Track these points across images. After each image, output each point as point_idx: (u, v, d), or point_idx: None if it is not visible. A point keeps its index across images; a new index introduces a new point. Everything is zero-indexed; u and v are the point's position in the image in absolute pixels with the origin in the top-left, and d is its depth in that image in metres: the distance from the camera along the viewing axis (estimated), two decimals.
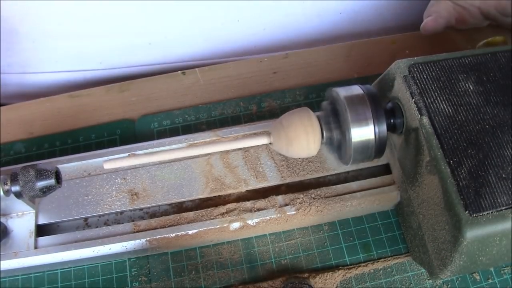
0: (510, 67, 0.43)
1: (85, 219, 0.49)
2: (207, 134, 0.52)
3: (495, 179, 0.38)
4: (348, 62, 0.62)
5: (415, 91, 0.42)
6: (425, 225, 0.43)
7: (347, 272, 0.48)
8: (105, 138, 0.56)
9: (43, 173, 0.43)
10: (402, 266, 0.48)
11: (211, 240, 0.49)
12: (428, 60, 0.44)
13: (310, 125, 0.41)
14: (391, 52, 0.62)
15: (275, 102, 0.58)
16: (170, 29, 0.64)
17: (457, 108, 0.41)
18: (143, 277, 0.48)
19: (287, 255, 0.49)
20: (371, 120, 0.41)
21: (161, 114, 0.57)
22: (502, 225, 0.38)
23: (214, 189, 0.49)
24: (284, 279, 0.47)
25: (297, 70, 0.61)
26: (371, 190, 0.49)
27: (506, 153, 0.39)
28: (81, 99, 0.59)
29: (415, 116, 0.41)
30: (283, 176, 0.50)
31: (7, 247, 0.46)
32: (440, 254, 0.41)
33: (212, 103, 0.58)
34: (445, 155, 0.39)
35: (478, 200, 0.38)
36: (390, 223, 0.51)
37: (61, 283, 0.47)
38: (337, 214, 0.49)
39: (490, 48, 0.47)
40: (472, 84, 0.42)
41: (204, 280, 0.48)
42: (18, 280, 0.48)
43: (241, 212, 0.48)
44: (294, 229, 0.50)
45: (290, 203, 0.48)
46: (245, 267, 0.48)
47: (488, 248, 0.39)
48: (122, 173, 0.50)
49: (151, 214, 0.50)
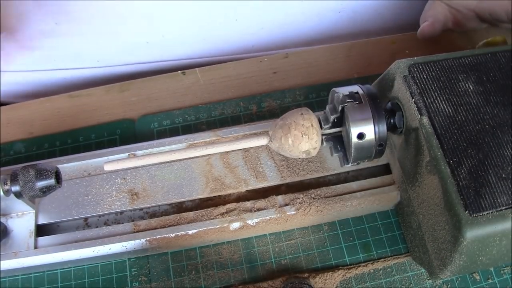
0: (510, 67, 0.43)
1: (85, 219, 0.49)
2: (207, 134, 0.52)
3: (495, 179, 0.38)
4: (348, 62, 0.62)
5: (415, 91, 0.42)
6: (425, 225, 0.43)
7: (347, 272, 0.48)
8: (105, 138, 0.56)
9: (43, 173, 0.43)
10: (402, 266, 0.48)
11: (211, 240, 0.49)
12: (428, 60, 0.44)
13: (310, 125, 0.41)
14: (391, 52, 0.62)
15: (275, 102, 0.58)
16: (168, 28, 0.64)
17: (457, 108, 0.41)
18: (143, 277, 0.48)
19: (287, 255, 0.49)
20: (371, 120, 0.41)
21: (161, 114, 0.57)
22: (502, 225, 0.38)
23: (214, 189, 0.49)
24: (284, 279, 0.47)
25: (297, 70, 0.61)
26: (371, 190, 0.49)
27: (506, 153, 0.39)
28: (81, 99, 0.59)
29: (415, 116, 0.41)
30: (283, 176, 0.50)
31: (7, 247, 0.46)
32: (440, 254, 0.41)
33: (212, 103, 0.58)
34: (445, 155, 0.39)
35: (478, 200, 0.38)
36: (390, 223, 0.51)
37: (61, 283, 0.47)
38: (337, 214, 0.49)
39: (490, 48, 0.47)
40: (472, 84, 0.42)
41: (204, 280, 0.48)
42: (18, 280, 0.48)
43: (241, 212, 0.48)
44: (294, 229, 0.50)
45: (290, 203, 0.48)
46: (245, 267, 0.48)
47: (488, 248, 0.39)
48: (122, 173, 0.50)
49: (151, 214, 0.50)
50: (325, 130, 0.43)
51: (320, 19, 0.68)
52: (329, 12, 0.67)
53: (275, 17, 0.66)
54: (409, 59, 0.44)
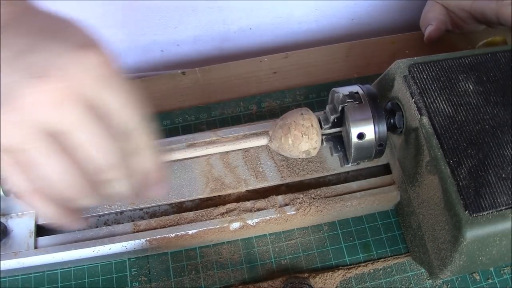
0: (510, 67, 0.43)
1: (85, 219, 0.49)
2: (207, 134, 0.52)
3: (495, 179, 0.38)
4: (348, 62, 0.62)
5: (415, 91, 0.42)
6: (425, 225, 0.43)
7: (347, 272, 0.48)
8: None
9: None
10: (402, 266, 0.48)
11: (211, 240, 0.49)
12: (428, 60, 0.44)
13: (310, 125, 0.41)
14: (391, 52, 0.62)
15: (275, 102, 0.58)
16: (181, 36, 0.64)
17: (457, 108, 0.41)
18: (143, 277, 0.48)
19: (287, 255, 0.49)
20: (371, 120, 0.41)
21: (161, 114, 0.57)
22: (502, 225, 0.38)
23: (214, 189, 0.49)
24: (284, 279, 0.47)
25: (297, 70, 0.61)
26: (371, 190, 0.49)
27: (506, 153, 0.39)
28: None
29: (415, 116, 0.41)
30: (283, 176, 0.50)
31: (7, 247, 0.46)
32: (440, 254, 0.41)
33: (212, 103, 0.58)
34: (445, 155, 0.39)
35: (478, 200, 0.38)
36: (390, 223, 0.51)
37: (61, 283, 0.47)
38: (337, 214, 0.49)
39: (490, 48, 0.47)
40: (472, 84, 0.42)
41: (204, 280, 0.48)
42: (18, 280, 0.47)
43: (241, 212, 0.48)
44: (294, 229, 0.50)
45: (290, 203, 0.48)
46: (245, 267, 0.48)
47: (488, 248, 0.39)
48: None
49: (151, 214, 0.50)
50: (325, 130, 0.43)
51: (320, 19, 0.68)
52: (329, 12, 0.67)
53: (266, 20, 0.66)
54: (409, 59, 0.44)
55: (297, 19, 0.67)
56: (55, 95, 0.29)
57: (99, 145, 0.31)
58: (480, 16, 0.54)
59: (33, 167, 0.30)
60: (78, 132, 0.30)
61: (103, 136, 0.31)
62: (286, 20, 0.67)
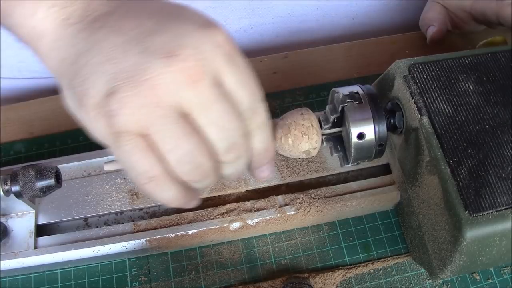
0: (510, 67, 0.43)
1: (85, 219, 0.49)
2: None
3: (495, 179, 0.38)
4: (348, 62, 0.62)
5: (415, 91, 0.42)
6: (425, 225, 0.43)
7: (347, 272, 0.48)
8: None
9: (43, 173, 0.43)
10: (402, 266, 0.48)
11: (211, 240, 0.49)
12: (428, 60, 0.44)
13: (310, 125, 0.41)
14: (391, 52, 0.62)
15: (275, 102, 0.58)
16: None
17: (457, 108, 0.41)
18: (143, 277, 0.48)
19: (287, 255, 0.49)
20: (371, 120, 0.41)
21: None
22: (502, 225, 0.38)
23: (214, 189, 0.49)
24: (284, 279, 0.47)
25: (297, 70, 0.61)
26: (371, 190, 0.49)
27: (506, 153, 0.39)
28: None
29: (415, 116, 0.41)
30: (283, 176, 0.50)
31: (7, 247, 0.46)
32: (440, 254, 0.41)
33: None
34: (445, 155, 0.39)
35: (478, 200, 0.38)
36: (390, 223, 0.51)
37: (61, 283, 0.47)
38: (337, 214, 0.49)
39: (490, 48, 0.47)
40: (472, 84, 0.42)
41: (204, 280, 0.48)
42: (18, 280, 0.47)
43: (241, 212, 0.48)
44: (294, 229, 0.50)
45: (290, 203, 0.48)
46: (245, 267, 0.48)
47: (488, 248, 0.39)
48: (122, 173, 0.50)
49: (151, 214, 0.50)
50: (325, 130, 0.43)
51: (320, 19, 0.68)
52: (329, 12, 0.67)
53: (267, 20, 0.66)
54: (409, 59, 0.44)
55: (298, 18, 0.67)
56: (189, 73, 0.28)
57: (227, 124, 0.30)
58: (480, 16, 0.54)
59: (165, 150, 0.29)
60: (209, 112, 0.29)
61: (231, 114, 0.30)
62: (287, 19, 0.66)
